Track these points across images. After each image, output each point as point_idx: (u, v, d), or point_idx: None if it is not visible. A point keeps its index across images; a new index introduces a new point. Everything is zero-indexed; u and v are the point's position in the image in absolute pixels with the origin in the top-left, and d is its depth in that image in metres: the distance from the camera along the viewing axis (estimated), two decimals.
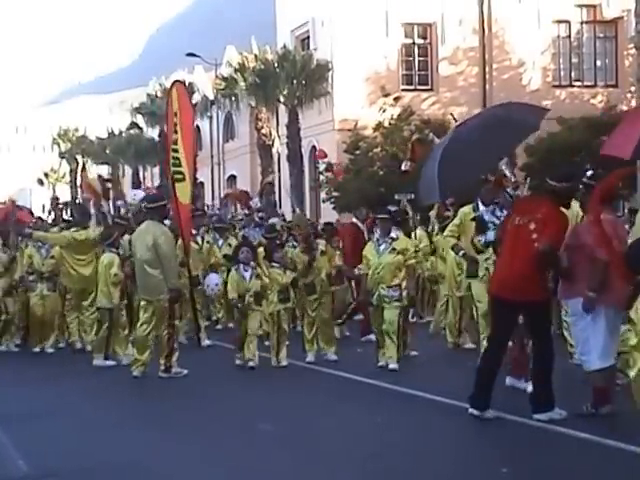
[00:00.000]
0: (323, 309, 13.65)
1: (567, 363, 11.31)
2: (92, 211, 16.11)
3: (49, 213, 21.54)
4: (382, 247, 12.78)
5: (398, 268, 12.73)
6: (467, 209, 12.59)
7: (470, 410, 9.23)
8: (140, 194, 18.01)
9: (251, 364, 13.05)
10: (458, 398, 10.03)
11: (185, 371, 12.67)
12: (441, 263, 16.11)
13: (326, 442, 8.76)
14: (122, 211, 17.83)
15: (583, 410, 9.14)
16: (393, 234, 12.96)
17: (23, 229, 16.17)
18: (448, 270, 15.16)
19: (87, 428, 9.73)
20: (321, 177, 35.81)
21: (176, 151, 14.26)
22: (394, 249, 12.73)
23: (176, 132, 14.38)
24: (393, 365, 12.51)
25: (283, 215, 22.88)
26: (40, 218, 20.58)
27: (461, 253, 12.76)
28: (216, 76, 43.75)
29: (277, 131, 40.28)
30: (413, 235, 15.75)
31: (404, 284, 12.81)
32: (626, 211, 19.19)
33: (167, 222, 13.90)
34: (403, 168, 17.90)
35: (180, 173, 14.20)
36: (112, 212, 16.89)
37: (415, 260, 13.17)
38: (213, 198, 44.76)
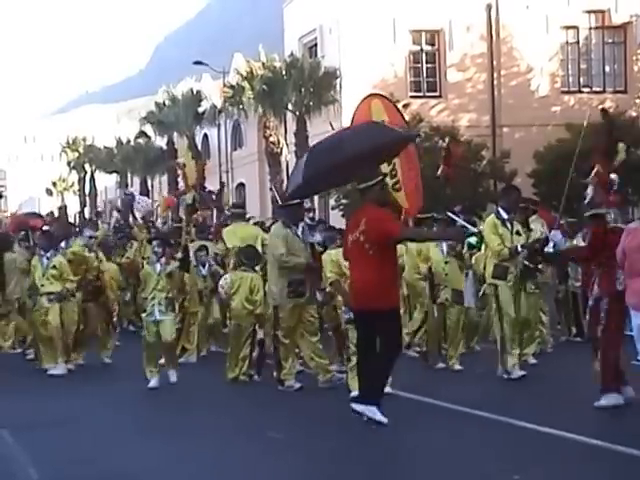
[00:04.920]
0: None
1: None
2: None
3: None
4: None
5: None
6: (492, 219, 12.39)
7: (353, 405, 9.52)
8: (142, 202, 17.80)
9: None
10: (467, 405, 10.02)
11: (297, 385, 12.00)
12: None
13: (336, 450, 8.72)
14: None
15: None
16: None
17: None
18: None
19: (99, 437, 9.72)
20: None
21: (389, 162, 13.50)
22: None
23: None
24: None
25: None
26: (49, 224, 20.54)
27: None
28: (224, 84, 43.74)
29: (285, 139, 40.26)
30: None
31: None
32: (637, 218, 19.07)
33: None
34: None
35: (397, 183, 13.79)
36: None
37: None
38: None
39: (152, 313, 12.86)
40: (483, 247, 13.09)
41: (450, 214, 14.38)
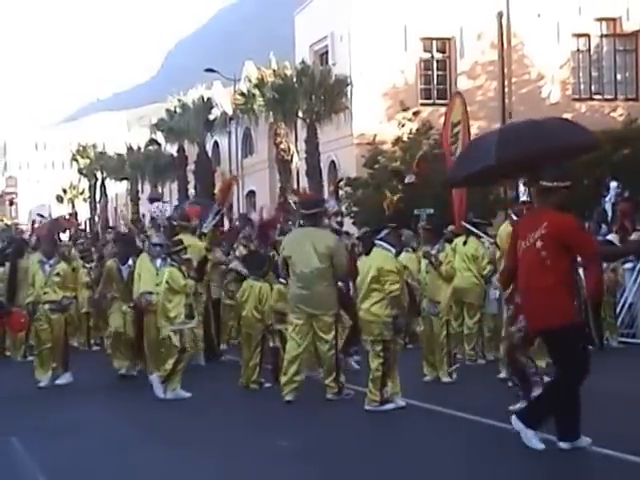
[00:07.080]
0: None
1: None
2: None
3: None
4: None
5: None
6: (505, 225, 12.34)
7: (561, 445, 8.34)
8: (165, 207, 17.43)
9: None
10: (478, 413, 9.97)
11: (352, 392, 11.53)
12: None
13: (343, 457, 8.69)
14: None
15: None
16: (438, 245, 12.74)
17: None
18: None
19: (109, 445, 9.70)
20: (340, 192, 35.74)
21: None
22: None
23: (454, 142, 15.14)
24: (401, 402, 10.95)
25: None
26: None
27: None
28: (235, 92, 43.81)
29: (296, 146, 40.28)
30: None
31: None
32: None
33: None
34: (407, 181, 18.09)
35: None
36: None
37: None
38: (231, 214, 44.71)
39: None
40: (498, 254, 13.04)
41: (466, 225, 14.35)
